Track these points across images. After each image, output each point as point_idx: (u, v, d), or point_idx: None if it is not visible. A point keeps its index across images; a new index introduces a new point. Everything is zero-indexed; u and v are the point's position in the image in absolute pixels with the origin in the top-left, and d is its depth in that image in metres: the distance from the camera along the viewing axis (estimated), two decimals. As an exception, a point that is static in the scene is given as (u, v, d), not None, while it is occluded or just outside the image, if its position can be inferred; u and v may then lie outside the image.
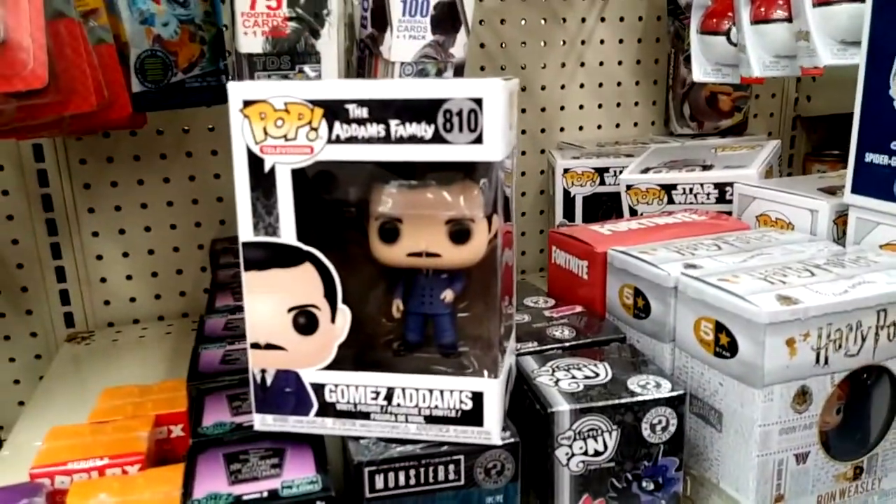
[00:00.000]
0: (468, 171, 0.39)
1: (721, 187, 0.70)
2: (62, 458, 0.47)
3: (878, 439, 0.49)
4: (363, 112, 0.37)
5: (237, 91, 0.38)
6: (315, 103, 0.37)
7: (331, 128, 0.37)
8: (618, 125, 1.03)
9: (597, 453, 0.45)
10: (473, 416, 0.40)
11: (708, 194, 0.70)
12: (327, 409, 0.41)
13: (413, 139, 0.36)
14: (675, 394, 0.46)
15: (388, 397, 0.40)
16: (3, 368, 0.88)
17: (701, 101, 0.98)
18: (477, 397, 0.40)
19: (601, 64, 1.00)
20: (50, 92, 0.47)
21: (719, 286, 0.47)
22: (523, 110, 0.97)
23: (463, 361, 0.42)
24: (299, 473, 0.40)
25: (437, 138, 0.36)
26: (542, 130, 0.99)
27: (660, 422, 0.46)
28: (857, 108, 0.54)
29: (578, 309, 0.59)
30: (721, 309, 0.47)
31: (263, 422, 0.42)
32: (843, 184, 0.57)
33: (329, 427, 0.41)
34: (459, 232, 0.40)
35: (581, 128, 1.01)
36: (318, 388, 0.41)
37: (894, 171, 0.52)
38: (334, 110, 0.37)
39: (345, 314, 0.40)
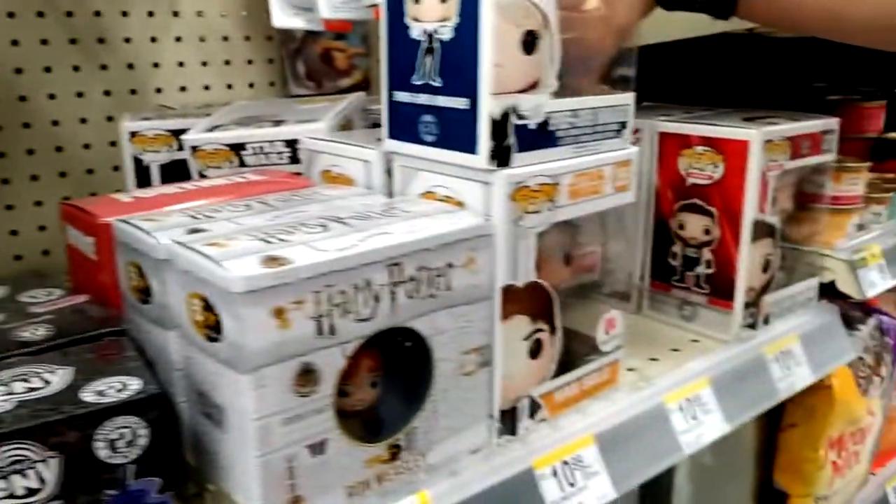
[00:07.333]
0: None
1: (293, 144, 0.61)
2: None
3: (416, 409, 0.44)
4: None
5: None
6: None
7: None
8: (230, 86, 0.91)
9: (30, 492, 0.33)
10: None
11: (280, 153, 0.62)
12: None
13: None
14: (139, 396, 0.35)
15: None
16: None
17: (315, 58, 0.90)
18: None
19: (199, 14, 0.87)
20: None
21: (200, 251, 0.38)
22: (104, 66, 0.81)
23: None
24: None
25: None
26: (133, 91, 0.84)
27: (122, 436, 0.35)
28: (383, 44, 0.48)
29: (82, 299, 0.47)
30: (204, 280, 0.37)
31: None
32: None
33: None
34: None
35: (184, 88, 0.87)
36: None
37: (418, 109, 0.46)
38: None
39: None
